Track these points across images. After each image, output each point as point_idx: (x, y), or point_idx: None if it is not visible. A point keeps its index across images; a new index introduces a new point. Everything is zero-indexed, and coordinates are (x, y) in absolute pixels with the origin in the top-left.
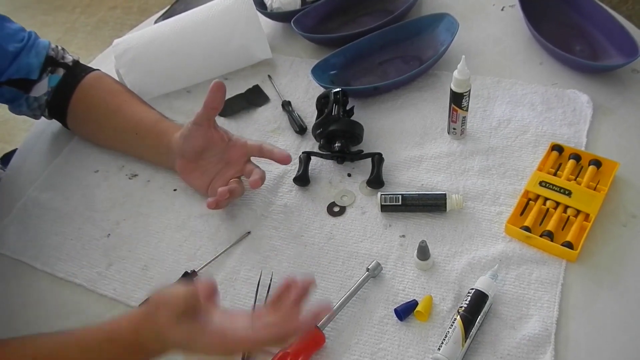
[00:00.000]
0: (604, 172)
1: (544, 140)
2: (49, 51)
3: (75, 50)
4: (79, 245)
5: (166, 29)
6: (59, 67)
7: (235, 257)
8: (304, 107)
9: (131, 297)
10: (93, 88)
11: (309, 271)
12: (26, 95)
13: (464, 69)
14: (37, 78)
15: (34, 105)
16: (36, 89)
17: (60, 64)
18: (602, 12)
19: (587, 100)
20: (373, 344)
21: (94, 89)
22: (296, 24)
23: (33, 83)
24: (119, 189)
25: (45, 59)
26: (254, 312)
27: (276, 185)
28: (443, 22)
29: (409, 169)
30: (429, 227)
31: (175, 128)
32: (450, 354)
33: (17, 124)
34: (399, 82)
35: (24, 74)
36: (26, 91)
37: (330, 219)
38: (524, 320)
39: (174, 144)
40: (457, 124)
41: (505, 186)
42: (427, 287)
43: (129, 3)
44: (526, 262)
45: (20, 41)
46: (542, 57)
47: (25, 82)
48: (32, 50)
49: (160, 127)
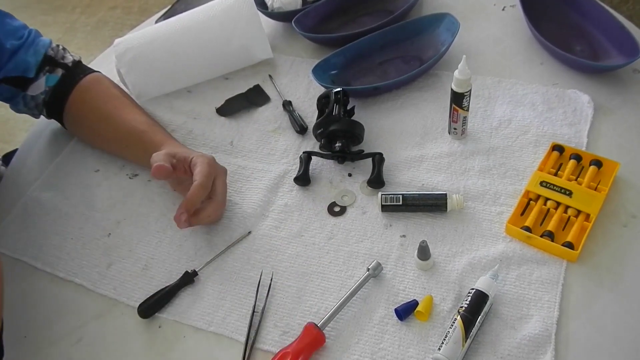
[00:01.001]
0: (605, 172)
1: (544, 141)
2: (48, 50)
3: (75, 50)
4: (79, 244)
5: (167, 29)
6: (57, 67)
7: (235, 257)
8: (305, 107)
9: (131, 297)
10: (88, 92)
11: (310, 271)
12: (23, 94)
13: (465, 69)
14: (33, 76)
15: (31, 104)
16: (33, 88)
17: (59, 64)
18: (602, 12)
19: (587, 101)
20: (373, 344)
21: (89, 92)
22: (297, 24)
23: (30, 81)
24: (119, 188)
25: (43, 58)
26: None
27: (277, 185)
28: (444, 22)
29: (409, 169)
30: (430, 227)
31: (162, 140)
32: (450, 354)
33: (17, 124)
34: (399, 82)
35: (21, 71)
36: (23, 89)
37: (330, 219)
38: (525, 321)
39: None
40: (458, 124)
41: (505, 186)
42: (427, 287)
43: (129, 3)
44: (527, 262)
45: (19, 38)
46: (542, 57)
47: (22, 80)
48: (30, 49)
49: (147, 139)
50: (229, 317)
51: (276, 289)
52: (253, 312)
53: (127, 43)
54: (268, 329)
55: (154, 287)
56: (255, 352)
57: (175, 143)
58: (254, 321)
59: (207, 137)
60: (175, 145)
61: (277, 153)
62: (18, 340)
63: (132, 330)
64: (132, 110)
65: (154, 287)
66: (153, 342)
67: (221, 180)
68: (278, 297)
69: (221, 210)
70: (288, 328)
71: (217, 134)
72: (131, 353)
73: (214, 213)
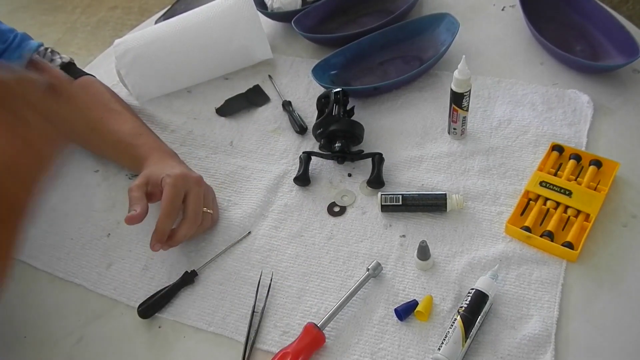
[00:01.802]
0: (605, 172)
1: (544, 141)
2: (33, 55)
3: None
4: (79, 245)
5: (167, 30)
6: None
7: (235, 257)
8: (305, 107)
9: (131, 297)
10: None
11: (309, 271)
12: None
13: (465, 69)
14: None
15: None
16: None
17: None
18: (602, 12)
19: (587, 101)
20: (373, 344)
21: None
22: (297, 24)
23: None
24: (119, 188)
25: (27, 63)
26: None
27: (276, 185)
28: (443, 22)
29: (409, 169)
30: (429, 227)
31: (144, 154)
32: (450, 354)
33: None
34: (399, 82)
35: None
36: None
37: (330, 219)
38: (525, 320)
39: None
40: (458, 124)
41: (505, 186)
42: (427, 287)
43: (129, 3)
44: (526, 262)
45: (4, 42)
46: (542, 57)
47: None
48: (14, 52)
49: (131, 154)
50: (228, 317)
51: (276, 289)
52: (253, 312)
53: (127, 44)
54: (268, 329)
55: (154, 287)
56: (255, 352)
57: (155, 158)
58: (254, 321)
59: (207, 138)
60: (154, 160)
61: (276, 153)
62: (18, 340)
63: (132, 330)
64: (119, 119)
65: (154, 287)
66: (153, 342)
67: (193, 195)
68: (278, 297)
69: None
70: (288, 328)
71: (217, 134)
72: (131, 353)
73: (188, 231)
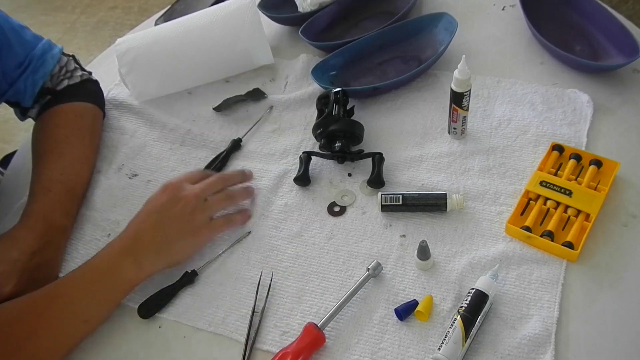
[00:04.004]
0: (605, 172)
1: (544, 140)
2: (45, 81)
3: (75, 50)
4: (79, 245)
5: (169, 31)
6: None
7: (235, 257)
8: (305, 107)
9: (131, 297)
10: (41, 121)
11: (309, 271)
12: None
13: (465, 68)
14: (30, 106)
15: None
16: (31, 112)
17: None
18: (602, 12)
19: (587, 100)
20: (373, 344)
21: (41, 122)
22: (304, 34)
23: (27, 109)
24: (119, 188)
25: (40, 90)
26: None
27: (276, 185)
28: (442, 21)
29: (409, 168)
30: (430, 227)
31: (30, 214)
32: (450, 354)
33: (17, 124)
34: (398, 82)
35: (20, 98)
36: (22, 113)
37: (330, 219)
38: (525, 320)
39: None
40: (458, 123)
41: (505, 186)
42: (427, 287)
43: (129, 3)
44: (526, 262)
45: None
46: (542, 56)
47: (19, 104)
48: (29, 78)
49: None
50: (229, 317)
51: (276, 289)
52: (253, 312)
53: (129, 43)
54: (268, 329)
55: (154, 287)
56: (255, 352)
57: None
58: (254, 321)
59: (206, 138)
60: (20, 226)
61: (277, 153)
62: None
63: (132, 330)
64: (55, 161)
65: (154, 287)
66: (153, 342)
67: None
68: (278, 297)
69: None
70: (288, 328)
71: (217, 134)
72: (131, 353)
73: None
